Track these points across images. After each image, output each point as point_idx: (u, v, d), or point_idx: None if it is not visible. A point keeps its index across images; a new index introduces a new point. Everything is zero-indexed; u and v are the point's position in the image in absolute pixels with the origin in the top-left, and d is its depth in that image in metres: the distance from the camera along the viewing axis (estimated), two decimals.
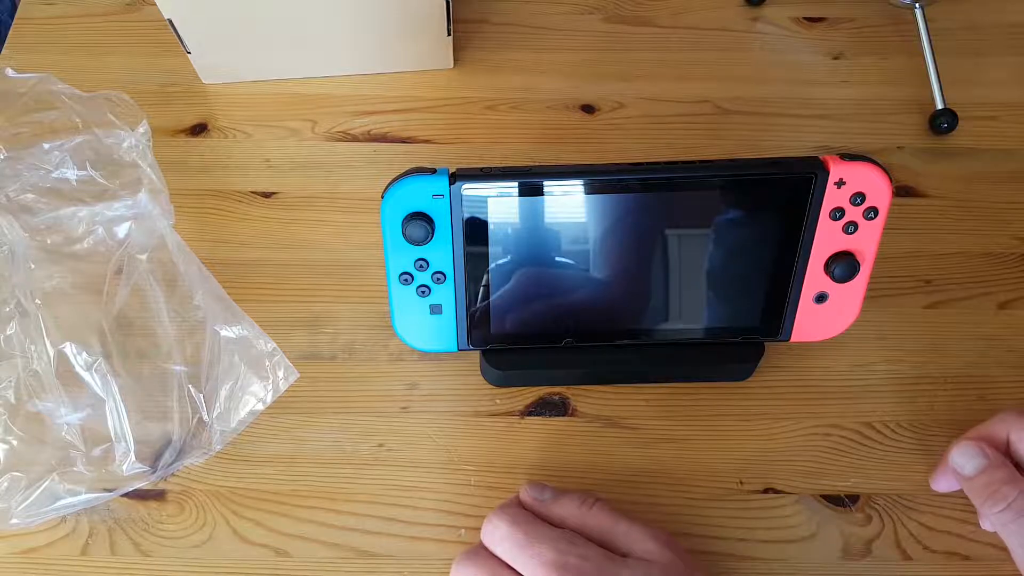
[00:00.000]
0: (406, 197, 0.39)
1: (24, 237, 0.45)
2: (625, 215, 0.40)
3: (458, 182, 0.39)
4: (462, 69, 0.58)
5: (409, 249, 0.41)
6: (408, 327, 0.44)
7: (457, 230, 0.40)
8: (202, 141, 0.55)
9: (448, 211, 0.40)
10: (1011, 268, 0.51)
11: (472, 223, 0.40)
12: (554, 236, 0.41)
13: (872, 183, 0.39)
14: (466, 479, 0.44)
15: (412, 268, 0.42)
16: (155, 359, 0.45)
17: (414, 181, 0.39)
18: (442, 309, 0.43)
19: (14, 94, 0.48)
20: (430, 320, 0.43)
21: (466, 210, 0.40)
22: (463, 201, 0.39)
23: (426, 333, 0.44)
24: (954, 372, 0.47)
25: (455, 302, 0.43)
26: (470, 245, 0.41)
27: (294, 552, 0.42)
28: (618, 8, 0.61)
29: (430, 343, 0.44)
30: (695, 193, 0.40)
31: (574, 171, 0.39)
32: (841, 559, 0.42)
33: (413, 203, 0.39)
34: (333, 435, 0.45)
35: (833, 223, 0.40)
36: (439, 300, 0.43)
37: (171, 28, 0.52)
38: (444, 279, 0.42)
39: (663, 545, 0.36)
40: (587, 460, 0.44)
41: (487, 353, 0.45)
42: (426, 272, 0.42)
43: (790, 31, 0.60)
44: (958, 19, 0.60)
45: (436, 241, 0.40)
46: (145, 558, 0.42)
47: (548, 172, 0.39)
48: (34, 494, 0.40)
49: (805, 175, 0.39)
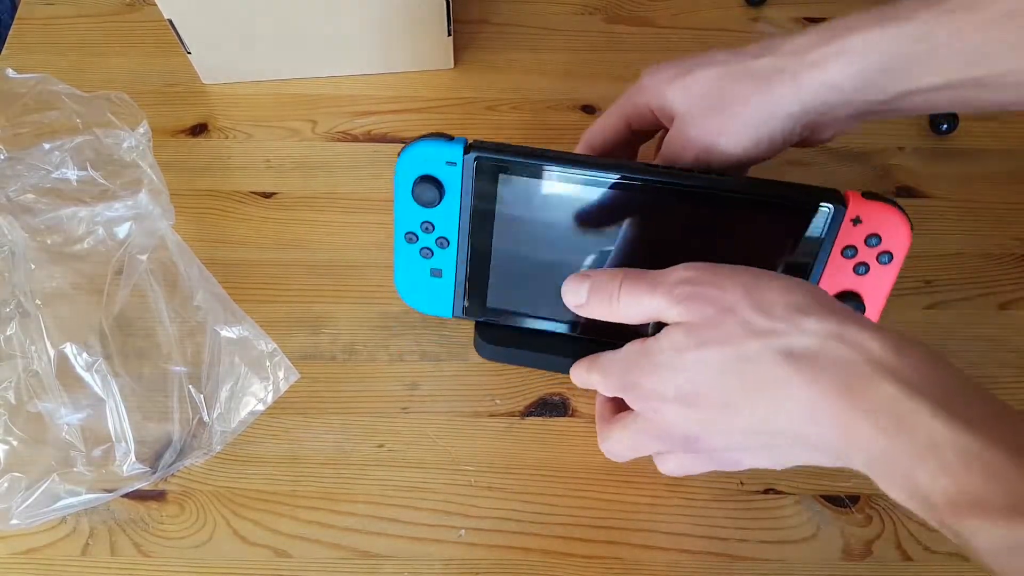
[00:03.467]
0: (421, 159, 0.40)
1: (24, 237, 0.45)
2: (634, 214, 0.40)
3: (472, 153, 0.39)
4: (462, 69, 0.58)
5: (417, 210, 0.41)
6: (408, 287, 0.44)
7: (465, 199, 0.40)
8: (202, 141, 0.55)
9: (459, 179, 0.40)
10: (1011, 269, 0.51)
11: (480, 195, 0.40)
12: (559, 222, 0.40)
13: (890, 226, 0.38)
14: (466, 479, 0.44)
15: (418, 229, 0.42)
16: (155, 359, 0.45)
17: (430, 145, 0.39)
18: (442, 274, 0.43)
19: (14, 94, 0.48)
20: (430, 283, 0.44)
21: (476, 182, 0.40)
22: (474, 172, 0.39)
23: (425, 295, 0.44)
24: None
25: (455, 269, 0.43)
26: (476, 216, 0.41)
27: (294, 552, 0.42)
28: (618, 8, 0.61)
29: (427, 306, 0.45)
30: (708, 204, 0.39)
31: (589, 162, 0.39)
32: (841, 560, 0.42)
33: (427, 166, 0.40)
34: (333, 435, 0.45)
35: (844, 260, 0.39)
36: (440, 265, 0.43)
37: (171, 28, 0.52)
38: (447, 245, 0.42)
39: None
40: (587, 460, 0.44)
41: (480, 326, 0.45)
42: (431, 235, 0.42)
43: (790, 31, 0.60)
44: None
45: (444, 206, 0.41)
46: (145, 558, 0.42)
47: (563, 158, 0.39)
48: (34, 495, 0.40)
49: (822, 206, 0.38)
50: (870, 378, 0.30)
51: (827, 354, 0.31)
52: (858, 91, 0.37)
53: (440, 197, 0.40)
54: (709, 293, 0.33)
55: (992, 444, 0.28)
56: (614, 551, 0.42)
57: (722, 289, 0.33)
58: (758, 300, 0.33)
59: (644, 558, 0.42)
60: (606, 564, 0.42)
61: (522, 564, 0.42)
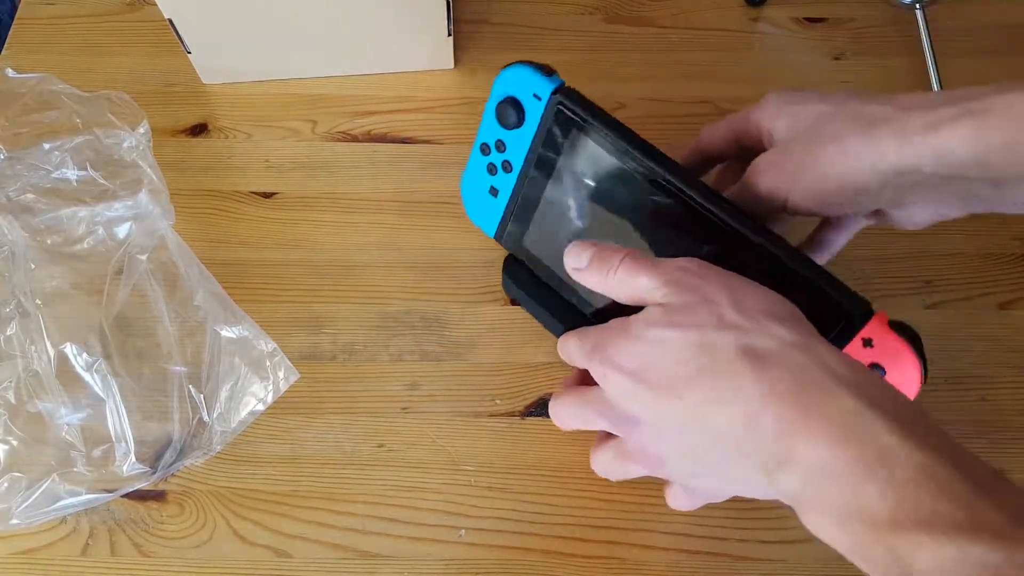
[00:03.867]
0: (514, 81, 0.40)
1: (24, 237, 0.45)
2: (674, 226, 0.39)
3: (557, 96, 0.39)
4: (462, 69, 0.58)
5: (497, 127, 0.42)
6: (469, 193, 0.46)
7: (538, 136, 0.41)
8: (202, 141, 0.55)
9: (539, 116, 0.40)
10: (1011, 268, 0.51)
11: (551, 140, 0.40)
12: (607, 199, 0.40)
13: (899, 368, 0.35)
14: (466, 479, 0.44)
15: (492, 144, 0.43)
16: (155, 359, 0.45)
17: (527, 72, 0.40)
18: (498, 194, 0.44)
19: (14, 94, 0.48)
20: (486, 198, 0.45)
21: (552, 125, 0.40)
22: (553, 115, 0.40)
23: (479, 206, 0.46)
24: (954, 372, 0.47)
25: (510, 195, 0.43)
26: (541, 157, 0.41)
27: (294, 552, 0.42)
28: (618, 8, 0.61)
29: (478, 217, 0.46)
30: (745, 251, 0.37)
31: (658, 159, 0.38)
32: (841, 560, 0.42)
33: (517, 89, 0.40)
34: (333, 435, 0.45)
35: None
36: (499, 185, 0.44)
37: (171, 28, 0.52)
38: (511, 170, 0.43)
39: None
40: (587, 460, 0.44)
41: (509, 261, 0.46)
42: (500, 155, 0.42)
43: (791, 31, 0.60)
44: (959, 20, 0.60)
45: (519, 133, 0.41)
46: (145, 559, 0.42)
47: (637, 144, 0.38)
48: (34, 494, 0.40)
49: (842, 309, 0.35)
50: (827, 387, 0.29)
51: (787, 358, 0.30)
52: (972, 165, 0.33)
53: (519, 123, 0.41)
54: (696, 283, 0.33)
55: (946, 463, 0.27)
56: (614, 551, 0.42)
57: (709, 283, 0.33)
58: (738, 299, 0.33)
59: (644, 558, 0.42)
60: (606, 564, 0.42)
61: (522, 564, 0.42)
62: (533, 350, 0.47)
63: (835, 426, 0.28)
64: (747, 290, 0.34)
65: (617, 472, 0.38)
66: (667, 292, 0.34)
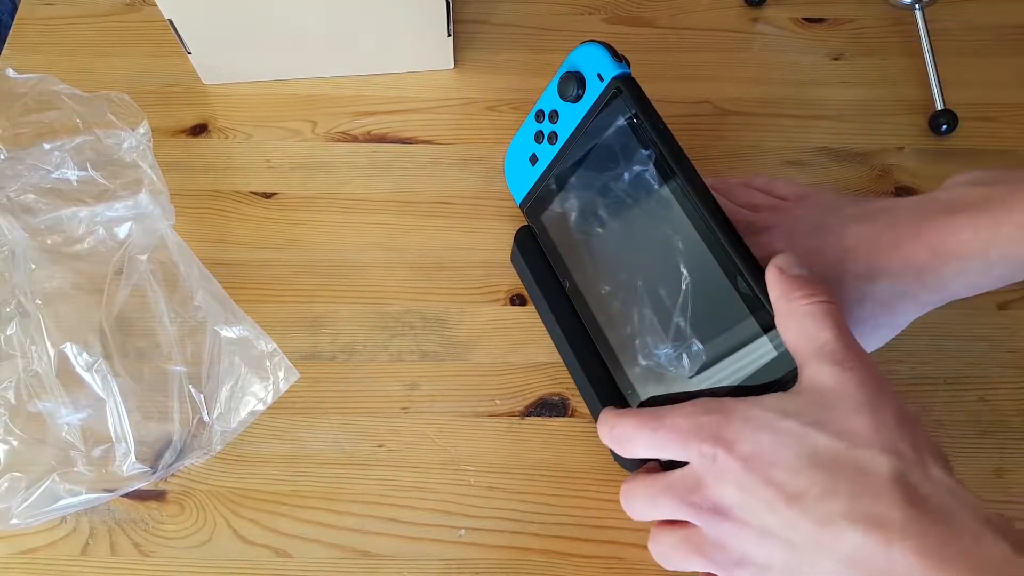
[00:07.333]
0: (585, 57, 0.41)
1: (24, 237, 0.45)
2: (683, 242, 0.38)
3: (617, 81, 0.39)
4: (462, 69, 0.58)
5: (557, 97, 0.43)
6: (513, 154, 0.47)
7: (589, 115, 0.41)
8: (202, 141, 0.55)
9: (597, 94, 0.40)
10: None
11: (598, 123, 0.41)
12: (630, 195, 0.40)
13: None
14: (466, 479, 0.44)
15: (547, 113, 0.44)
16: (155, 359, 0.45)
17: (599, 52, 0.40)
18: (536, 162, 0.45)
19: (14, 94, 0.48)
20: (525, 164, 0.46)
21: (603, 108, 0.40)
22: (607, 99, 0.40)
23: (516, 169, 0.47)
24: (954, 372, 0.47)
25: (545, 166, 0.44)
26: (584, 137, 0.41)
27: (294, 552, 0.42)
28: (618, 8, 0.61)
29: (511, 178, 0.47)
30: (735, 284, 0.37)
31: (688, 176, 0.37)
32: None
33: (585, 65, 0.41)
34: (333, 435, 0.45)
35: None
36: (540, 155, 0.44)
37: (171, 28, 0.52)
38: (555, 141, 0.43)
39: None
40: (587, 460, 0.44)
41: (522, 230, 0.47)
42: (551, 125, 0.43)
43: (790, 32, 0.60)
44: (958, 20, 0.60)
45: (574, 108, 0.42)
46: (145, 558, 0.42)
47: (674, 152, 0.38)
48: (34, 494, 0.40)
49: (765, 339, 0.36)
50: (977, 532, 0.29)
51: (943, 502, 0.30)
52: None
53: (577, 99, 0.41)
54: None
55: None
56: (614, 551, 0.42)
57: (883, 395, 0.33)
58: (906, 425, 0.32)
59: (644, 558, 0.42)
60: (606, 564, 0.42)
61: (522, 564, 0.42)
62: (533, 350, 0.47)
63: (982, 570, 0.28)
64: (913, 417, 0.32)
65: (677, 561, 0.36)
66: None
